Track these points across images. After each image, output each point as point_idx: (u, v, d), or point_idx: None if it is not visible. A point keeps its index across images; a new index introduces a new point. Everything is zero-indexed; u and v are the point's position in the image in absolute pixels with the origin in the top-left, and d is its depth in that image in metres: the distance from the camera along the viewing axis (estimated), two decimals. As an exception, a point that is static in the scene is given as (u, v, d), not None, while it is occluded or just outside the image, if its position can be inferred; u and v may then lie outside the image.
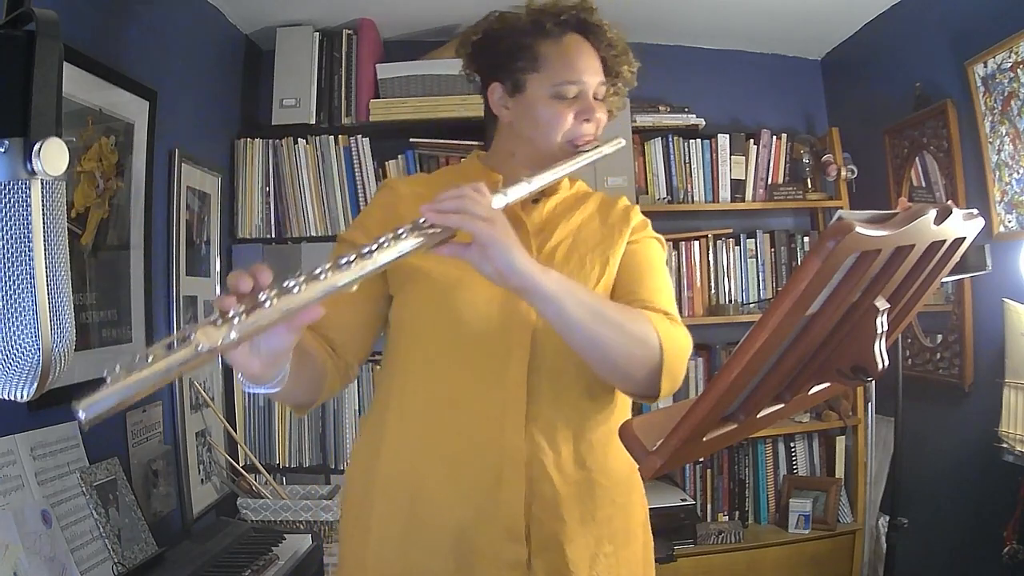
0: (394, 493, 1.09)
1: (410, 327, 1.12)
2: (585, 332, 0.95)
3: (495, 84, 1.16)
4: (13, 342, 0.57)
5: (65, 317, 0.60)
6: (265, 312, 0.72)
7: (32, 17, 0.58)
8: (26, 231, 0.56)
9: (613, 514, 1.11)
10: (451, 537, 1.05)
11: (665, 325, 1.03)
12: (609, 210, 1.20)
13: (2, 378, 0.58)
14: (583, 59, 1.13)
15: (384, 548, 1.09)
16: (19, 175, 0.56)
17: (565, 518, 1.06)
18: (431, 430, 1.09)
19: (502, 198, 0.93)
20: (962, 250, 0.88)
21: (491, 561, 1.04)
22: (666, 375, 1.00)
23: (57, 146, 0.57)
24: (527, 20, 1.14)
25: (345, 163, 2.60)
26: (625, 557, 1.12)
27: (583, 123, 1.12)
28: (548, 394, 1.07)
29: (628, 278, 1.13)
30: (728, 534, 2.58)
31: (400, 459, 1.10)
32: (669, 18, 2.67)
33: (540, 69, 1.12)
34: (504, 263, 0.88)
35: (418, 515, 1.07)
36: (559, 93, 1.11)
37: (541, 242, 1.13)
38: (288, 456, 2.58)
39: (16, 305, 0.57)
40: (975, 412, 2.17)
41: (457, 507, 1.06)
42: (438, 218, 0.85)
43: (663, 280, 1.15)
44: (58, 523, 1.43)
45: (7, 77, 0.57)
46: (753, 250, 2.78)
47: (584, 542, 1.07)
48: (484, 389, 1.07)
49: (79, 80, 1.65)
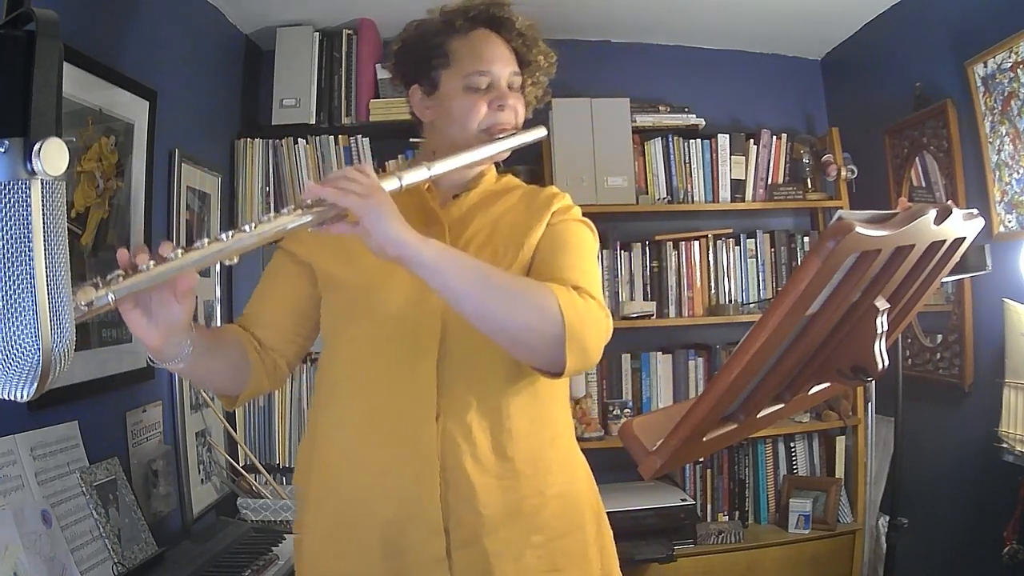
0: (325, 494, 1.12)
1: (332, 332, 1.16)
2: (474, 301, 0.95)
3: (414, 87, 1.20)
4: (13, 342, 0.57)
5: (65, 317, 0.60)
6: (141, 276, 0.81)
7: (32, 17, 0.57)
8: (26, 231, 0.56)
9: (542, 504, 1.09)
10: (379, 534, 1.07)
11: (569, 296, 0.99)
12: (534, 198, 1.20)
13: (2, 378, 0.58)
14: (491, 49, 1.15)
15: (317, 548, 1.12)
16: (19, 175, 0.56)
17: (482, 511, 1.05)
18: (356, 431, 1.11)
19: (395, 181, 0.97)
20: (962, 250, 0.88)
21: (417, 556, 1.05)
22: (571, 348, 0.96)
23: (57, 146, 0.57)
24: (439, 21, 1.18)
25: (345, 163, 2.59)
26: (562, 547, 1.10)
27: (497, 111, 1.13)
28: (461, 384, 1.07)
29: (543, 257, 1.12)
30: (728, 534, 2.58)
31: (329, 462, 1.12)
32: (669, 18, 2.67)
33: (451, 64, 1.15)
34: (380, 232, 0.90)
35: (347, 515, 1.09)
36: (470, 84, 1.13)
37: (456, 235, 1.14)
38: (288, 456, 2.57)
39: (16, 305, 0.56)
40: (975, 412, 2.17)
41: (383, 505, 1.07)
42: (316, 191, 0.90)
43: (579, 258, 1.12)
44: (58, 523, 1.43)
45: (7, 77, 0.57)
46: (753, 250, 2.78)
47: (507, 535, 1.06)
48: (399, 386, 1.08)
49: (79, 80, 1.65)
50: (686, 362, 2.76)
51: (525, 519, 1.08)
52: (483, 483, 1.06)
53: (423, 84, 1.18)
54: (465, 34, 1.16)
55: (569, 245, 1.13)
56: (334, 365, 1.15)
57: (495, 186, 1.23)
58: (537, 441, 1.11)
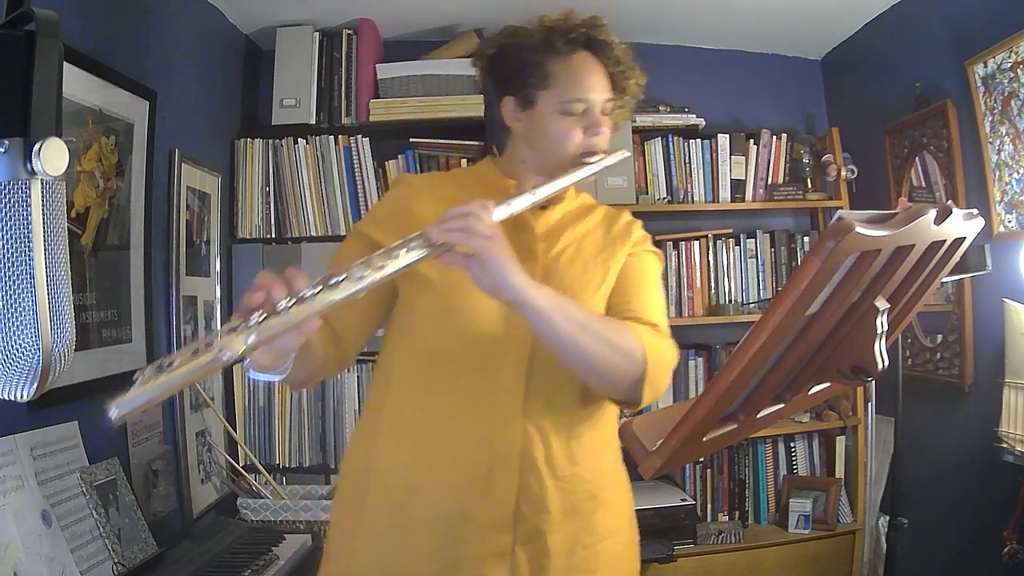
0: (387, 487, 1.14)
1: (412, 330, 1.18)
2: (573, 345, 1.01)
3: (508, 98, 1.20)
4: (13, 342, 0.57)
5: (65, 317, 0.60)
6: (282, 319, 0.78)
7: (32, 17, 0.57)
8: (26, 231, 0.56)
9: (595, 509, 1.16)
10: (439, 528, 1.11)
11: (651, 338, 1.08)
12: (612, 223, 1.26)
13: (2, 378, 0.58)
14: (591, 77, 1.17)
15: (374, 538, 1.14)
16: (19, 175, 0.56)
17: (550, 510, 1.11)
18: (426, 428, 1.14)
19: (506, 209, 0.99)
20: (962, 250, 0.88)
21: (477, 550, 1.10)
22: (648, 385, 1.05)
23: (57, 146, 0.57)
24: (538, 37, 1.18)
25: (345, 163, 2.60)
26: (603, 549, 1.17)
27: (591, 137, 1.16)
28: (545, 391, 1.12)
29: (623, 288, 1.19)
30: (728, 534, 2.58)
31: (394, 455, 1.15)
32: (669, 18, 2.67)
33: (550, 86, 1.16)
34: (500, 278, 0.94)
35: (408, 507, 1.12)
36: (567, 110, 1.15)
37: (547, 246, 1.19)
38: (288, 456, 2.58)
39: (16, 305, 0.56)
40: (975, 412, 2.17)
41: (447, 500, 1.11)
42: (443, 236, 0.91)
43: (655, 293, 1.21)
44: (58, 523, 1.43)
45: (7, 77, 0.57)
46: (753, 250, 2.78)
47: (564, 534, 1.13)
48: (480, 391, 1.12)
49: (79, 80, 1.65)
50: (686, 362, 2.75)
51: (580, 520, 1.14)
52: (551, 484, 1.12)
53: (517, 97, 1.19)
54: (565, 57, 1.17)
55: (646, 280, 1.22)
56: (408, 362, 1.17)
57: (576, 202, 1.27)
58: (599, 449, 1.19)
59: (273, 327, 0.77)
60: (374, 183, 2.60)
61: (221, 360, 0.72)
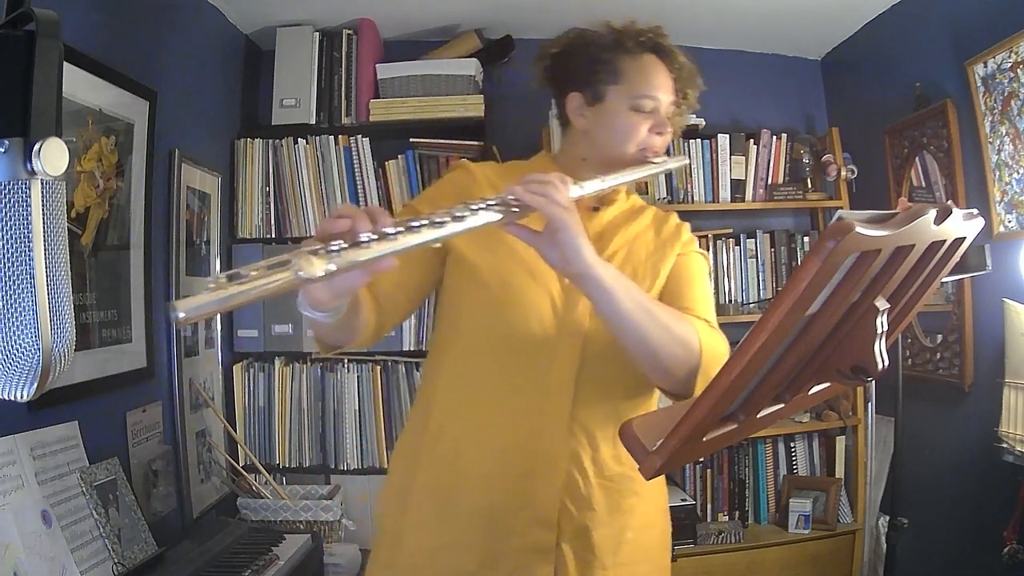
0: (433, 479, 1.17)
1: (463, 322, 1.19)
2: (635, 326, 1.01)
3: (574, 93, 1.22)
4: (13, 342, 0.57)
5: (65, 317, 0.60)
6: (363, 251, 0.75)
7: (32, 17, 0.57)
8: (26, 231, 0.56)
9: (636, 504, 1.19)
10: (483, 522, 1.13)
11: (706, 330, 1.11)
12: (662, 225, 1.28)
13: (2, 378, 0.58)
14: (660, 77, 1.21)
15: (421, 523, 1.17)
16: (19, 175, 0.56)
17: (596, 507, 1.15)
18: (475, 423, 1.16)
19: (578, 190, 1.00)
20: (962, 250, 0.88)
21: (520, 543, 1.13)
22: (701, 376, 1.06)
23: (57, 146, 0.57)
24: (608, 38, 1.22)
25: (345, 163, 2.60)
26: (644, 542, 1.21)
27: (655, 136, 1.19)
28: (593, 396, 1.14)
29: (673, 287, 1.21)
30: (728, 534, 2.58)
31: (444, 447, 1.17)
32: (669, 18, 2.64)
33: (620, 82, 1.19)
34: (572, 249, 0.94)
35: (454, 501, 1.15)
36: (637, 106, 1.18)
37: (600, 248, 1.19)
38: (288, 456, 2.58)
39: (16, 305, 0.56)
40: (975, 412, 2.17)
41: (494, 492, 1.14)
42: (525, 196, 0.91)
43: (705, 291, 1.24)
44: (58, 523, 1.43)
45: (7, 77, 0.57)
46: (753, 250, 2.78)
47: (610, 529, 1.16)
48: (530, 388, 1.14)
49: (79, 80, 1.65)
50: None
51: (623, 516, 1.18)
52: (597, 484, 1.15)
53: (585, 93, 1.21)
54: (635, 56, 1.20)
55: (695, 279, 1.23)
56: (459, 356, 1.19)
57: (627, 204, 1.29)
58: None
59: (353, 258, 0.74)
60: (374, 183, 2.60)
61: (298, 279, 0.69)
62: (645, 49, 1.21)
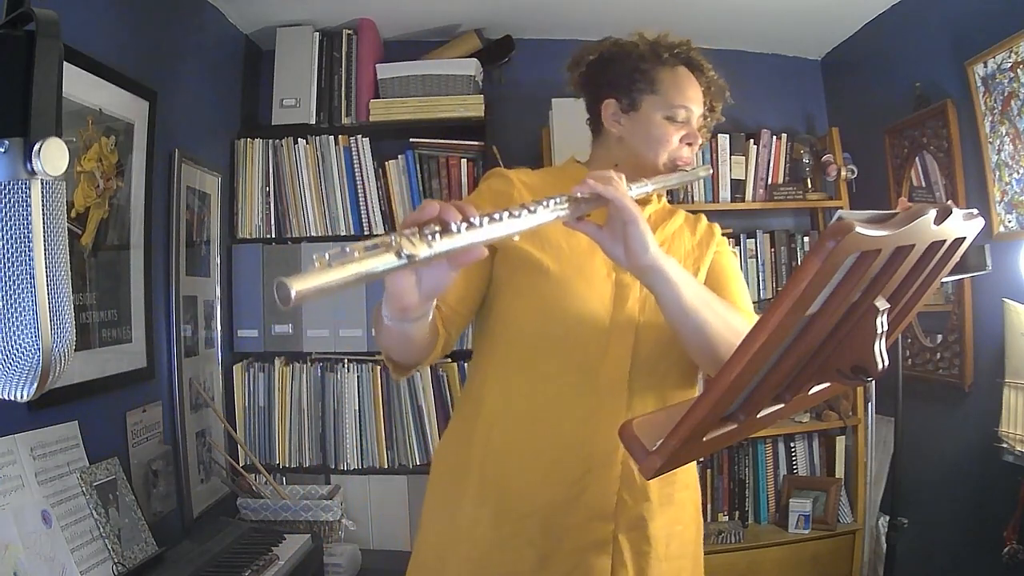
0: (486, 479, 1.18)
1: (515, 318, 1.19)
2: (696, 317, 1.03)
3: (610, 100, 1.25)
4: (13, 342, 0.57)
5: (65, 317, 0.60)
6: (456, 238, 0.75)
7: (32, 17, 0.57)
8: (26, 231, 0.56)
9: (685, 497, 1.24)
10: (539, 519, 1.14)
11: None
12: (695, 225, 1.33)
13: (2, 378, 0.58)
14: (692, 89, 1.24)
15: (472, 528, 1.17)
16: (19, 175, 0.56)
17: (651, 498, 1.17)
18: (526, 422, 1.17)
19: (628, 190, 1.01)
20: (962, 250, 0.88)
21: (577, 539, 1.14)
22: None
23: (57, 146, 0.57)
24: (644, 48, 1.25)
25: (345, 163, 2.60)
26: (688, 536, 1.26)
27: (685, 146, 1.23)
28: (646, 388, 1.17)
29: (714, 283, 1.23)
30: (728, 534, 2.58)
31: (495, 447, 1.18)
32: (670, 18, 2.66)
33: (656, 92, 1.22)
34: (641, 242, 0.97)
35: (509, 499, 1.16)
36: (671, 115, 1.22)
37: None
38: (288, 456, 2.58)
39: (16, 305, 0.56)
40: (975, 412, 2.17)
41: (548, 491, 1.15)
42: (599, 187, 0.94)
43: (743, 287, 1.29)
44: (58, 523, 1.43)
45: (7, 77, 0.57)
46: (753, 250, 2.78)
47: (663, 521, 1.19)
48: (586, 386, 1.15)
49: (79, 80, 1.65)
50: (686, 362, 2.75)
51: (674, 508, 1.22)
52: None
53: (621, 101, 1.24)
54: (671, 67, 1.24)
55: (732, 275, 1.29)
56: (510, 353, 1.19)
57: (659, 206, 1.32)
58: None
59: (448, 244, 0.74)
60: (374, 183, 2.60)
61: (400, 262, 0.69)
62: (679, 61, 1.25)
